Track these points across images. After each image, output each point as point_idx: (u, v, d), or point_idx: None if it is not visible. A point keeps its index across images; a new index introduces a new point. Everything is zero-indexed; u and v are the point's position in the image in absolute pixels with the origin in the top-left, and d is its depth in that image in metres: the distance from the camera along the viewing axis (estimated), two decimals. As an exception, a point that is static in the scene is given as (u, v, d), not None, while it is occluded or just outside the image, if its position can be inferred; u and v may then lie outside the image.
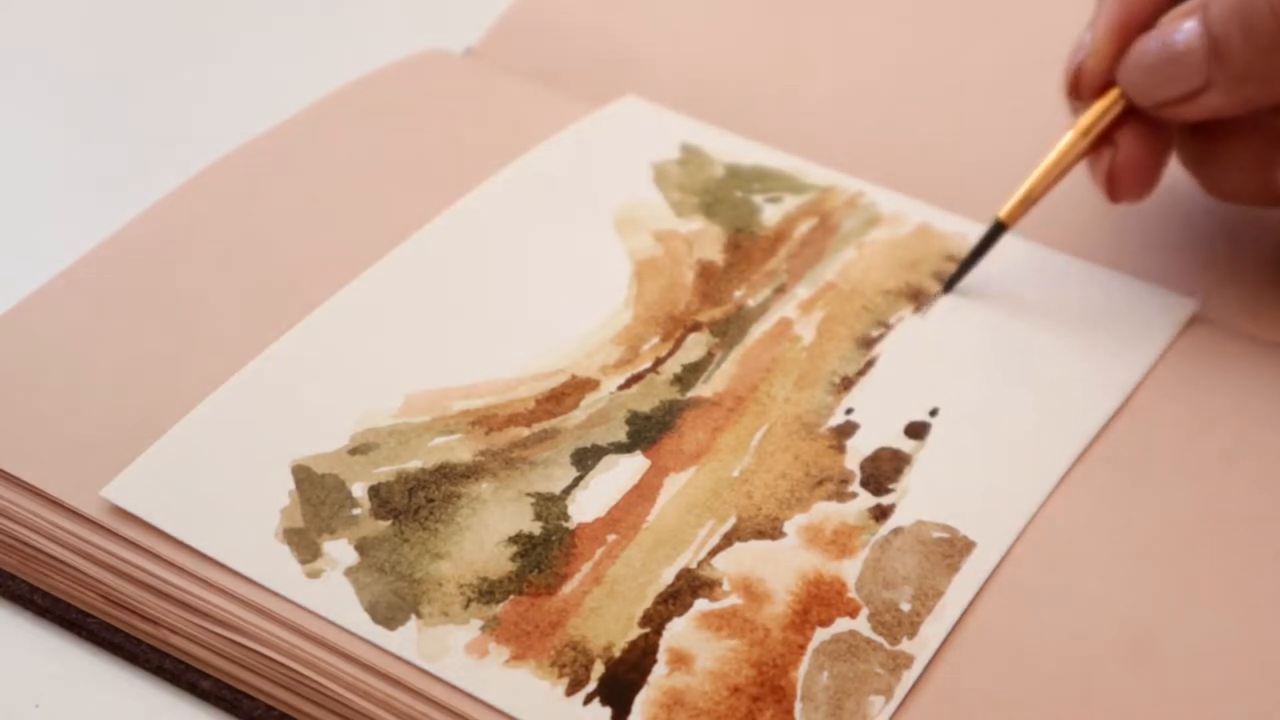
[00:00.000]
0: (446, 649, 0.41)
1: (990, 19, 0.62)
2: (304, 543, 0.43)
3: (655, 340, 0.49)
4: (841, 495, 0.45)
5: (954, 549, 0.44)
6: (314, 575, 0.43)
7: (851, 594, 0.43)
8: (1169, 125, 0.50)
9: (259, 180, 0.54)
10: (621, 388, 0.48)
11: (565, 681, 0.41)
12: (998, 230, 0.51)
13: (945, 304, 0.51)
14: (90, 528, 0.44)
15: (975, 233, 0.53)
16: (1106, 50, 0.50)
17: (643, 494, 0.45)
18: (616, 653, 0.42)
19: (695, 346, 0.49)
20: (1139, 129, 0.50)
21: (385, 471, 0.45)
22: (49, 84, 0.64)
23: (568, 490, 0.45)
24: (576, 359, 0.48)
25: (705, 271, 0.51)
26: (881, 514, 0.45)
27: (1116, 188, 0.50)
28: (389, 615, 0.42)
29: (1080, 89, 0.51)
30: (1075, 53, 0.51)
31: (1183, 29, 0.48)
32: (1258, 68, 0.47)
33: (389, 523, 0.44)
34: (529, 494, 0.45)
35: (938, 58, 0.61)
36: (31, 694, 0.43)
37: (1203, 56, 0.48)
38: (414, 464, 0.45)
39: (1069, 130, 0.51)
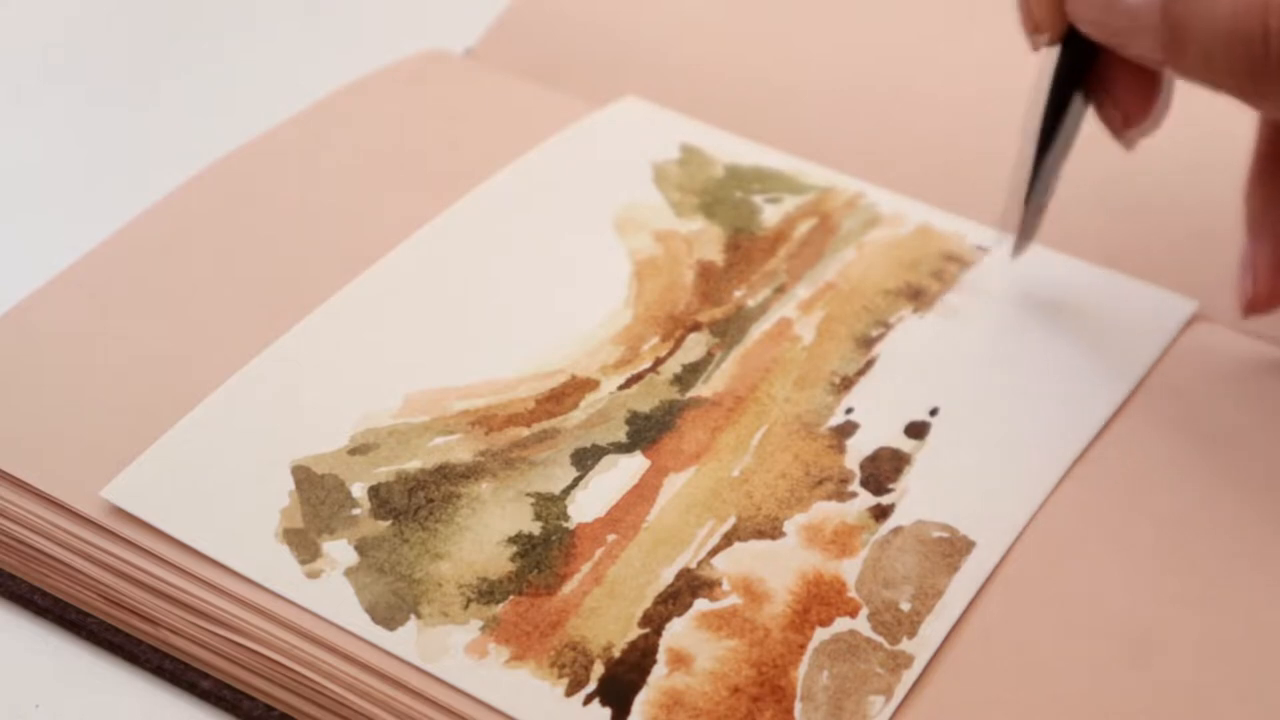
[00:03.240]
0: (446, 649, 0.41)
1: (992, 18, 0.62)
2: (304, 543, 0.43)
3: (655, 340, 0.49)
4: (841, 495, 0.45)
5: (954, 549, 0.44)
6: (314, 575, 0.43)
7: (851, 593, 0.43)
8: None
9: (259, 180, 0.54)
10: (621, 387, 0.48)
11: (565, 682, 0.41)
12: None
13: (945, 304, 0.51)
14: (90, 528, 0.44)
15: (975, 233, 0.53)
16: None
17: (642, 494, 0.45)
18: (616, 653, 0.42)
19: (695, 346, 0.49)
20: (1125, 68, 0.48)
21: (385, 471, 0.45)
22: (49, 84, 0.64)
23: (567, 490, 0.45)
24: (576, 359, 0.48)
25: (705, 271, 0.51)
26: (881, 513, 0.45)
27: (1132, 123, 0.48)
28: (389, 615, 0.42)
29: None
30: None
31: None
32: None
33: (389, 523, 0.44)
34: (529, 494, 0.45)
35: (938, 57, 0.61)
36: (31, 694, 0.43)
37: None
38: (414, 464, 0.45)
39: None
